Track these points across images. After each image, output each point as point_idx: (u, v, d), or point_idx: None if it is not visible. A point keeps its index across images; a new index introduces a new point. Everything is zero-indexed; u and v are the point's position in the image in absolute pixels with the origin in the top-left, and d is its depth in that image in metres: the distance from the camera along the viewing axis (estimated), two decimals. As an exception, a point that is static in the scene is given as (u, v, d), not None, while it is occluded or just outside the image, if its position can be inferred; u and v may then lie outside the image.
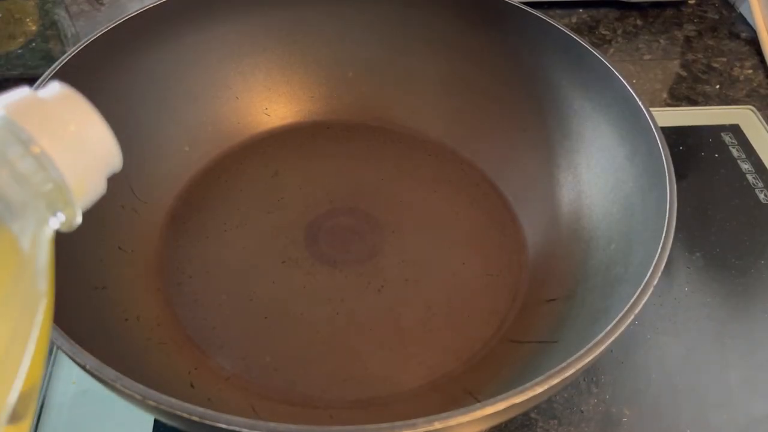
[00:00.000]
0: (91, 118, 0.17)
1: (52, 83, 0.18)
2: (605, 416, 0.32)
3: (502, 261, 0.36)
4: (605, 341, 0.23)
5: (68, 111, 0.17)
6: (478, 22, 0.40)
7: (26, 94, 0.17)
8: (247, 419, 0.20)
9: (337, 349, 0.32)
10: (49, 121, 0.16)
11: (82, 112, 0.17)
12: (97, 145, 0.18)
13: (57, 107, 0.17)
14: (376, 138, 0.42)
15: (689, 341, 0.35)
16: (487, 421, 0.21)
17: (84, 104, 0.17)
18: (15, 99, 0.16)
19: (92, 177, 0.17)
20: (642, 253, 0.28)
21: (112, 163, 0.18)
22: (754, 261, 0.39)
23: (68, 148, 0.16)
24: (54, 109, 0.17)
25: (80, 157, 0.17)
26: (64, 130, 0.16)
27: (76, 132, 0.17)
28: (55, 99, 0.17)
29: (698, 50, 0.55)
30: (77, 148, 0.17)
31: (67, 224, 0.17)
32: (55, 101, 0.17)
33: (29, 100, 0.16)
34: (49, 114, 0.16)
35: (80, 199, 0.17)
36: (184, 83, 0.39)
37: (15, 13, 0.53)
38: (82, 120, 0.17)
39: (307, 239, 0.36)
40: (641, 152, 0.32)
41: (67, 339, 0.22)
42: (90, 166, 0.17)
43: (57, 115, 0.17)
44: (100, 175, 0.18)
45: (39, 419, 0.31)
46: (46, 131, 0.16)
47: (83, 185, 0.17)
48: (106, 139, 0.18)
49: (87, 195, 0.17)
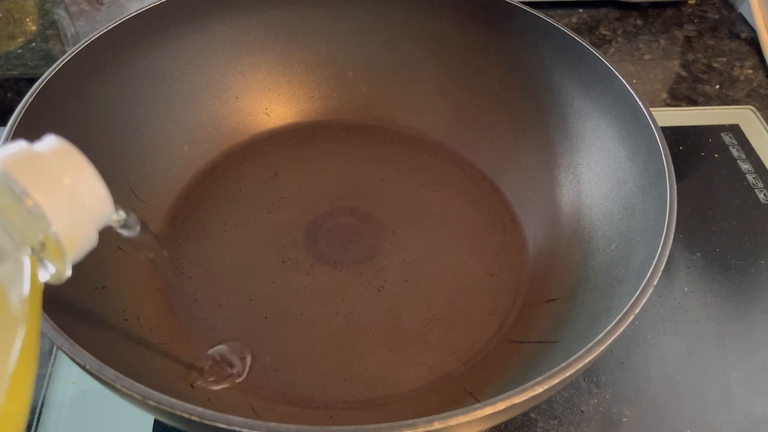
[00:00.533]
0: (86, 172, 0.18)
1: (49, 137, 0.18)
2: (605, 416, 0.32)
3: (502, 261, 0.36)
4: (605, 341, 0.23)
5: (63, 165, 0.17)
6: (479, 22, 0.40)
7: (22, 147, 0.17)
8: (247, 419, 0.20)
9: (337, 350, 0.32)
10: (43, 174, 0.16)
11: (77, 166, 0.17)
12: (91, 198, 0.18)
13: (52, 161, 0.17)
14: (376, 138, 0.42)
15: (689, 341, 0.35)
16: (487, 421, 0.21)
17: (79, 158, 0.18)
18: (10, 152, 0.16)
19: (84, 230, 0.17)
20: (642, 253, 0.28)
21: (105, 216, 0.18)
22: (755, 261, 0.39)
23: (61, 202, 0.16)
24: (48, 162, 0.17)
25: (73, 210, 0.17)
26: (58, 183, 0.17)
27: (70, 186, 0.17)
28: (51, 152, 0.17)
29: (698, 50, 0.55)
30: (70, 201, 0.17)
31: (56, 276, 0.17)
32: (50, 155, 0.17)
33: (24, 154, 0.17)
34: (44, 168, 0.17)
35: (72, 251, 0.17)
36: (184, 83, 0.39)
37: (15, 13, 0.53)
38: (76, 174, 0.17)
39: (307, 239, 0.36)
40: (641, 152, 0.32)
41: (67, 339, 0.22)
42: (83, 220, 0.17)
43: (51, 168, 0.17)
44: (93, 228, 0.18)
45: (39, 419, 0.31)
46: (40, 185, 0.16)
47: (75, 238, 0.17)
48: (99, 192, 0.18)
49: (79, 248, 0.17)
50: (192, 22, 0.38)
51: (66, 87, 0.32)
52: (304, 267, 0.35)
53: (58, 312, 0.24)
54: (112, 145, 0.35)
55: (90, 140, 0.34)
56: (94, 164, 0.35)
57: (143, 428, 0.31)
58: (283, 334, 0.32)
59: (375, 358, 0.31)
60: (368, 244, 0.36)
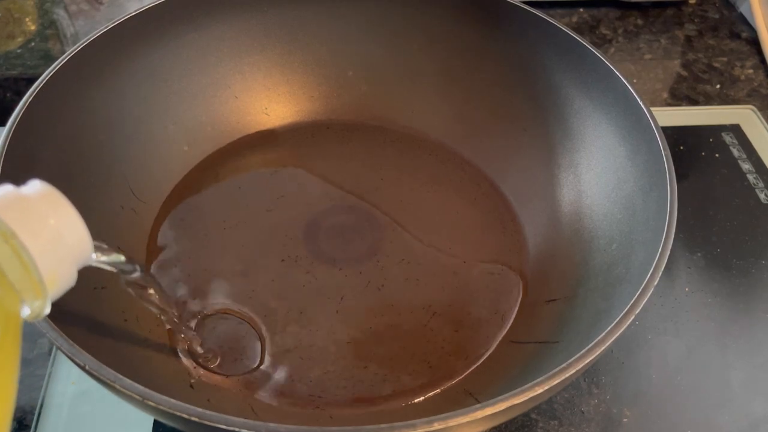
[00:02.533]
0: (68, 214, 0.18)
1: (33, 181, 0.19)
2: (606, 417, 0.32)
3: (502, 261, 0.36)
4: (606, 341, 0.23)
5: (47, 207, 0.18)
6: (479, 21, 0.40)
7: (8, 190, 0.18)
8: (247, 419, 0.20)
9: (337, 349, 0.32)
10: (28, 216, 0.17)
11: (61, 208, 0.18)
12: (73, 239, 0.18)
13: (37, 203, 0.18)
14: (375, 137, 0.42)
15: (690, 341, 0.35)
16: (487, 421, 0.21)
17: (62, 201, 0.18)
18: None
19: (65, 269, 0.18)
20: (643, 253, 0.28)
21: (85, 257, 0.19)
22: (755, 261, 0.39)
23: (45, 242, 0.17)
24: (34, 205, 0.18)
25: (56, 250, 0.18)
26: (43, 225, 0.17)
27: (54, 227, 0.18)
28: (36, 195, 0.18)
29: (699, 50, 0.55)
30: (54, 242, 0.18)
31: (34, 314, 0.18)
32: (35, 197, 0.18)
33: (11, 196, 0.18)
34: (29, 209, 0.17)
35: (53, 290, 0.18)
36: (184, 83, 0.39)
37: (14, 13, 0.53)
38: (59, 216, 0.18)
39: (306, 238, 0.36)
40: (642, 152, 0.32)
41: (66, 339, 0.22)
42: (64, 259, 0.18)
43: (36, 210, 0.18)
44: (73, 268, 0.19)
45: (39, 419, 0.31)
46: (25, 225, 0.17)
47: (57, 277, 0.18)
48: (81, 234, 0.19)
49: (60, 286, 0.18)
50: (192, 22, 0.38)
51: (66, 87, 0.32)
52: (304, 266, 0.35)
53: (57, 312, 0.24)
54: (112, 145, 0.35)
55: (90, 140, 0.34)
56: (94, 164, 0.35)
57: (143, 428, 0.31)
58: (282, 333, 0.32)
59: (375, 358, 0.31)
60: (368, 243, 0.36)
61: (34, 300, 0.18)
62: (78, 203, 0.32)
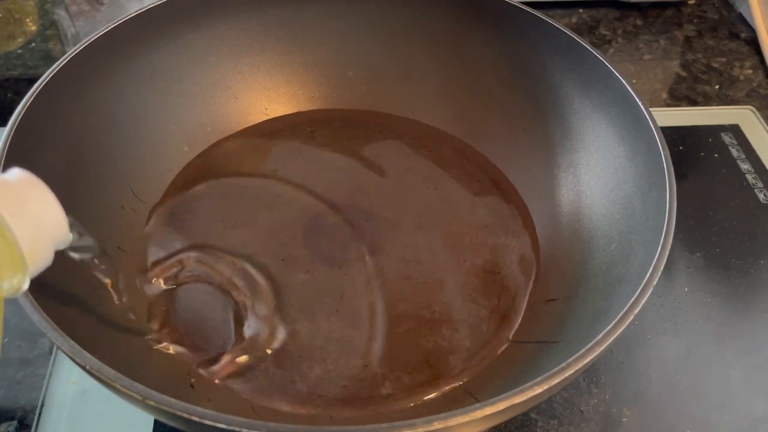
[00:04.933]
0: (47, 198, 0.20)
1: (13, 169, 0.20)
2: (605, 416, 0.32)
3: (502, 260, 0.36)
4: (605, 341, 0.23)
5: (27, 190, 0.20)
6: (479, 22, 0.40)
7: None
8: (247, 419, 0.20)
9: (337, 348, 0.32)
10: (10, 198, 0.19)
11: (39, 191, 0.20)
12: (50, 220, 0.20)
13: (17, 187, 0.20)
14: (375, 137, 0.42)
15: (689, 341, 0.35)
16: (486, 421, 0.21)
17: (40, 185, 0.20)
18: None
19: (43, 248, 0.20)
20: (642, 253, 0.28)
21: (62, 237, 0.21)
22: (755, 261, 0.39)
23: (26, 222, 0.19)
24: (15, 188, 0.19)
25: (35, 229, 0.19)
26: (23, 206, 0.19)
27: (33, 208, 0.20)
28: (16, 180, 0.20)
29: (698, 50, 0.55)
30: (33, 222, 0.19)
31: (14, 289, 0.19)
32: (16, 182, 0.20)
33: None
34: (11, 192, 0.19)
35: (32, 266, 0.19)
36: (184, 83, 0.39)
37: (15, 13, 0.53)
38: (38, 199, 0.20)
39: (306, 237, 0.36)
40: (641, 152, 0.32)
41: (66, 339, 0.22)
42: (43, 238, 0.20)
43: (17, 193, 0.19)
44: (50, 247, 0.20)
45: (39, 419, 0.31)
46: (7, 206, 0.19)
47: (36, 254, 0.19)
48: (58, 215, 0.21)
49: (38, 263, 0.20)
50: (192, 22, 0.38)
51: (66, 87, 0.32)
52: (304, 264, 0.35)
53: (58, 312, 0.24)
54: (112, 145, 0.35)
55: (90, 140, 0.34)
56: (95, 164, 0.35)
57: (143, 428, 0.31)
58: (282, 332, 0.32)
59: (375, 357, 0.31)
60: (368, 242, 0.36)
61: (14, 276, 0.19)
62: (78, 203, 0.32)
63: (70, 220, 0.21)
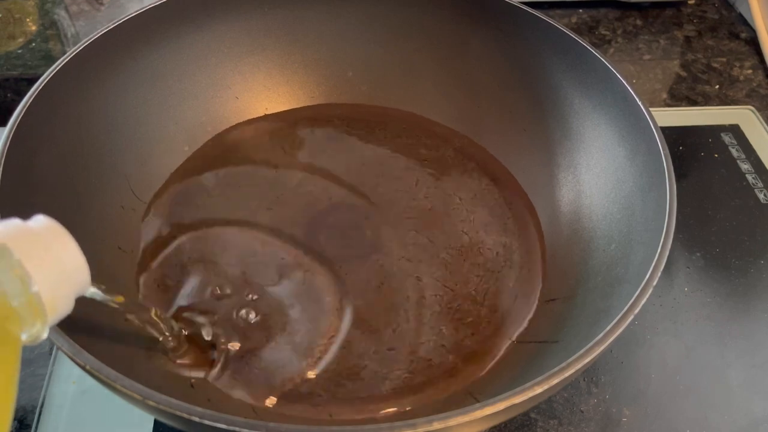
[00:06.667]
0: (70, 246, 0.20)
1: (38, 216, 0.20)
2: (605, 416, 0.32)
3: (502, 259, 0.36)
4: (605, 341, 0.23)
5: (50, 239, 0.19)
6: (478, 22, 0.40)
7: (16, 223, 0.19)
8: (247, 419, 0.20)
9: (337, 347, 0.32)
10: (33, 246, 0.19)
11: (63, 240, 0.20)
12: (73, 270, 0.20)
13: (41, 235, 0.19)
14: (375, 136, 0.42)
15: (689, 341, 0.35)
16: (486, 421, 0.21)
17: (64, 234, 0.20)
18: (4, 225, 0.19)
19: (64, 297, 0.20)
20: (642, 253, 0.28)
21: (83, 287, 0.21)
22: (754, 261, 0.39)
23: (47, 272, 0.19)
24: (39, 236, 0.19)
25: (57, 279, 0.19)
26: (46, 255, 0.19)
27: (56, 258, 0.19)
28: (41, 228, 0.20)
29: (698, 50, 0.55)
30: (55, 272, 0.19)
31: (32, 338, 0.19)
32: (40, 230, 0.19)
33: (18, 228, 0.19)
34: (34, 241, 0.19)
35: (51, 315, 0.19)
36: (184, 83, 0.39)
37: (15, 13, 0.53)
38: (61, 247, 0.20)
39: (307, 236, 0.36)
40: (641, 152, 0.32)
41: (67, 339, 0.22)
42: (64, 288, 0.20)
43: (41, 242, 0.19)
44: (71, 296, 0.20)
45: (39, 419, 0.31)
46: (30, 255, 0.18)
47: (56, 304, 0.19)
48: (80, 265, 0.20)
49: (58, 312, 0.20)
50: (192, 22, 0.38)
51: (66, 87, 0.32)
52: (304, 263, 0.35)
53: (58, 312, 0.24)
54: (112, 145, 0.35)
55: (90, 140, 0.34)
56: (94, 164, 0.35)
57: (143, 428, 0.31)
58: (282, 332, 0.32)
59: (374, 356, 0.31)
60: (368, 241, 0.36)
61: (33, 325, 0.19)
62: (78, 203, 0.32)
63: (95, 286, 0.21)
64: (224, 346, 0.31)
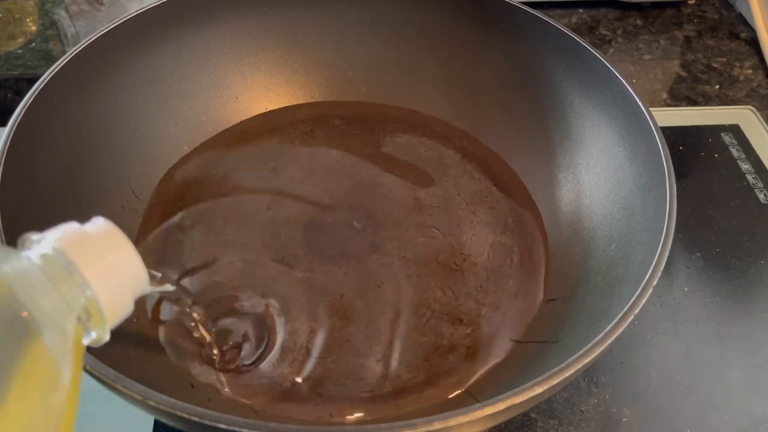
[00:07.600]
0: (126, 250, 0.20)
1: (97, 219, 0.20)
2: (605, 416, 0.32)
3: (502, 259, 0.36)
4: (605, 341, 0.23)
5: (107, 244, 0.20)
6: (478, 22, 0.40)
7: (73, 227, 0.19)
8: (247, 419, 0.20)
9: (337, 347, 0.32)
10: (90, 252, 0.19)
11: (119, 245, 0.20)
12: (130, 273, 0.20)
13: (98, 240, 0.19)
14: (375, 136, 0.42)
15: (689, 341, 0.35)
16: (486, 421, 0.21)
17: (121, 238, 0.20)
18: (63, 232, 0.19)
19: (123, 300, 0.20)
20: (642, 253, 0.28)
21: (142, 288, 0.21)
22: (754, 261, 0.39)
23: (105, 277, 0.19)
24: (95, 241, 0.19)
25: (114, 283, 0.19)
26: (103, 260, 0.19)
27: (113, 262, 0.19)
28: (98, 232, 0.20)
29: (698, 50, 0.55)
30: (112, 275, 0.19)
31: (96, 341, 0.19)
32: (97, 234, 0.20)
33: (75, 233, 0.19)
34: (92, 246, 0.19)
35: (111, 319, 0.19)
36: (184, 83, 0.39)
37: (15, 13, 0.53)
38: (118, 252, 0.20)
39: (306, 236, 0.36)
40: (641, 152, 0.32)
41: (67, 339, 0.22)
42: (122, 291, 0.20)
43: (97, 247, 0.19)
44: (130, 298, 0.20)
45: (39, 419, 0.31)
46: (88, 261, 0.18)
47: (114, 307, 0.19)
48: (137, 267, 0.20)
49: (117, 315, 0.20)
50: (192, 22, 0.38)
51: (66, 87, 0.32)
52: (304, 263, 0.35)
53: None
54: (112, 145, 0.35)
55: (90, 140, 0.34)
56: (95, 164, 0.35)
57: (143, 428, 0.31)
58: (282, 332, 0.32)
59: (374, 356, 0.31)
60: (368, 241, 0.36)
61: (94, 329, 0.19)
62: (79, 203, 0.32)
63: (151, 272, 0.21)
64: (224, 347, 0.31)
